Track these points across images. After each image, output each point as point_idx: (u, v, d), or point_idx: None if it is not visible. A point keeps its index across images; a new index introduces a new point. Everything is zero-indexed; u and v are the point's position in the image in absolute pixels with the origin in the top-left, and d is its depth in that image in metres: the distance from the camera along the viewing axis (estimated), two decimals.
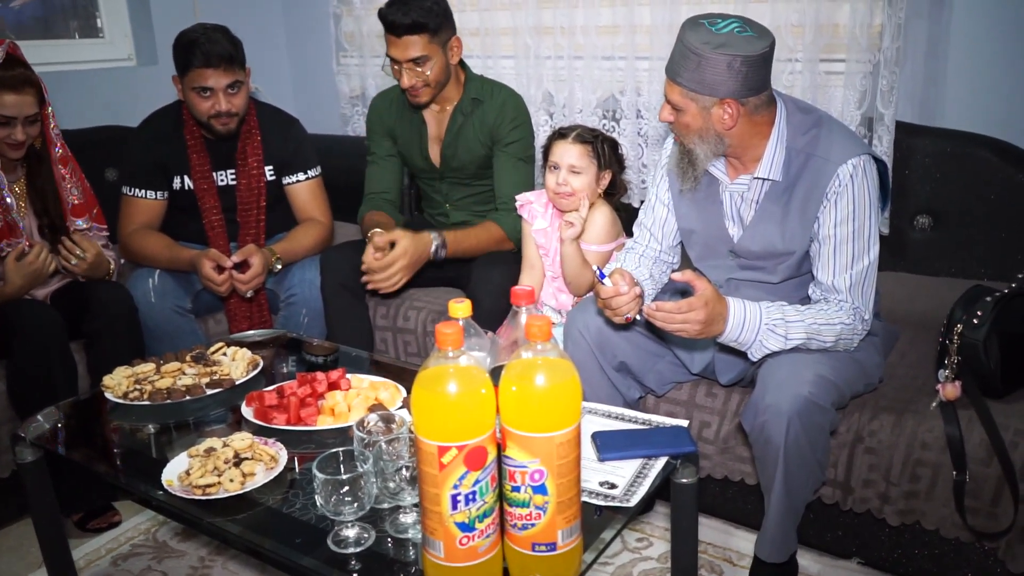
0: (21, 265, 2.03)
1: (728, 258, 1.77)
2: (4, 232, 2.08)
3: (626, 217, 2.21)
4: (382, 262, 2.16)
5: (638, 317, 1.66)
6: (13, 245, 2.09)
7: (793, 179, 1.63)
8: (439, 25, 2.22)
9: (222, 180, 2.39)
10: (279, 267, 2.34)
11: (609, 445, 1.38)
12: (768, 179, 1.64)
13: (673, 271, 1.92)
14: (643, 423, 1.48)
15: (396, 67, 2.25)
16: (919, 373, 1.80)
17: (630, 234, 2.02)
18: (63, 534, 1.71)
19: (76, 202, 2.21)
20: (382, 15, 2.21)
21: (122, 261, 2.37)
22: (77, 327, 2.09)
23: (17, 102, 2.01)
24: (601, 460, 1.35)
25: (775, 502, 1.57)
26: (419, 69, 2.22)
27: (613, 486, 1.28)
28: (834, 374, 1.56)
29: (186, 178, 2.37)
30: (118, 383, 1.67)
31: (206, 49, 2.18)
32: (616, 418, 1.50)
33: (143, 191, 2.36)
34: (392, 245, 2.19)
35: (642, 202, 2.53)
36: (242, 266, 2.24)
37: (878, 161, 1.63)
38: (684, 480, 1.35)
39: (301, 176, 2.48)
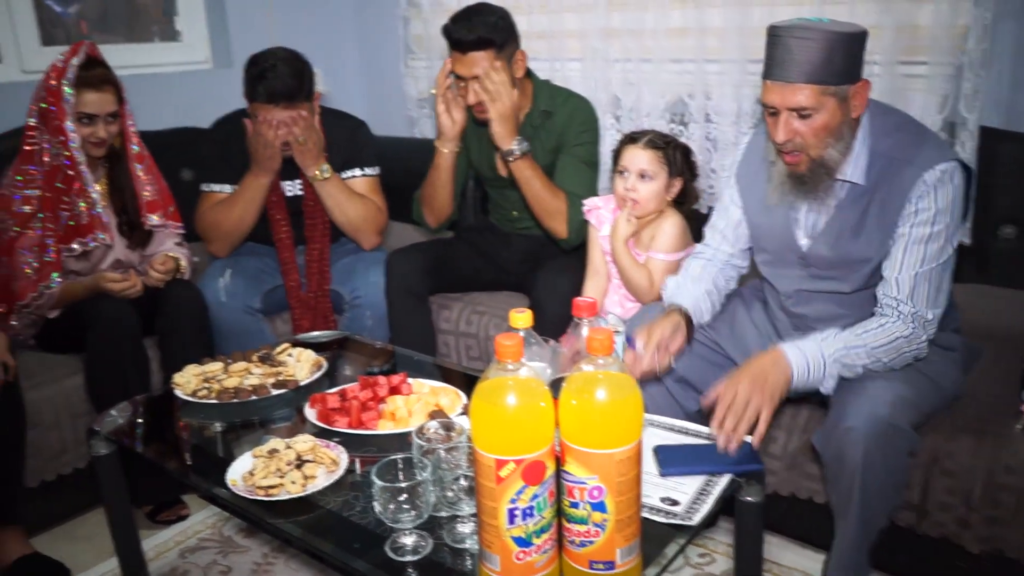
0: (111, 282, 2.11)
1: (798, 267, 1.71)
2: (91, 226, 2.15)
3: (695, 226, 2.15)
4: (496, 79, 2.14)
5: (673, 365, 1.66)
6: (99, 240, 2.16)
7: (874, 183, 1.56)
8: (504, 40, 2.19)
9: (290, 191, 2.43)
10: (327, 175, 2.35)
11: (671, 460, 1.35)
12: (850, 182, 1.58)
13: (742, 275, 1.87)
14: (707, 437, 1.44)
15: (462, 84, 2.24)
16: (1002, 393, 1.71)
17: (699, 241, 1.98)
18: (134, 525, 1.76)
19: (150, 199, 2.28)
20: (446, 31, 2.18)
21: (195, 259, 2.43)
22: (151, 324, 2.16)
23: (98, 100, 2.08)
24: (663, 475, 1.32)
25: (850, 528, 1.50)
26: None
27: (675, 503, 1.25)
28: (913, 393, 1.50)
29: None
30: (188, 381, 1.71)
31: (269, 86, 2.20)
32: (679, 431, 1.47)
33: (220, 185, 2.42)
34: None
35: (710, 208, 2.50)
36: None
37: (965, 167, 1.55)
38: (749, 499, 1.30)
39: (357, 172, 2.48)
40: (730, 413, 1.40)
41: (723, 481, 1.31)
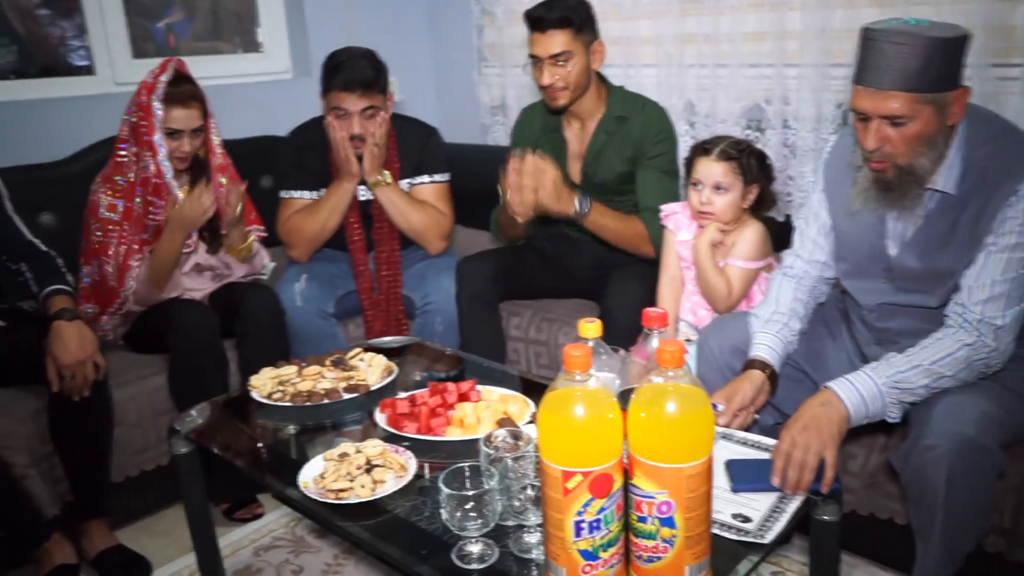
0: (181, 205, 2.15)
1: (881, 279, 1.64)
2: None
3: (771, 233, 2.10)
4: (530, 166, 2.11)
5: (756, 417, 1.62)
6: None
7: (967, 194, 1.49)
8: (583, 23, 2.22)
9: (363, 195, 2.47)
10: (388, 178, 2.41)
11: (744, 475, 1.31)
12: (941, 191, 1.51)
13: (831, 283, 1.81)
14: None
15: (537, 66, 2.25)
16: None
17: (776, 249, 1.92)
18: (211, 522, 1.81)
19: None
20: (528, 13, 2.24)
21: (274, 264, 2.50)
22: (230, 327, 2.22)
23: (184, 116, 2.16)
24: (735, 491, 1.29)
25: (933, 552, 1.43)
26: (560, 66, 2.21)
27: (747, 519, 1.21)
28: (1000, 410, 1.42)
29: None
30: (263, 383, 1.75)
31: (347, 74, 2.28)
32: (752, 446, 1.43)
33: (299, 192, 2.49)
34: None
35: (787, 216, 2.43)
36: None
37: None
38: (825, 518, 1.26)
39: (426, 179, 2.53)
40: (791, 466, 1.31)
41: (798, 498, 1.27)
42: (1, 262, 2.04)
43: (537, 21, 2.21)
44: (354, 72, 2.28)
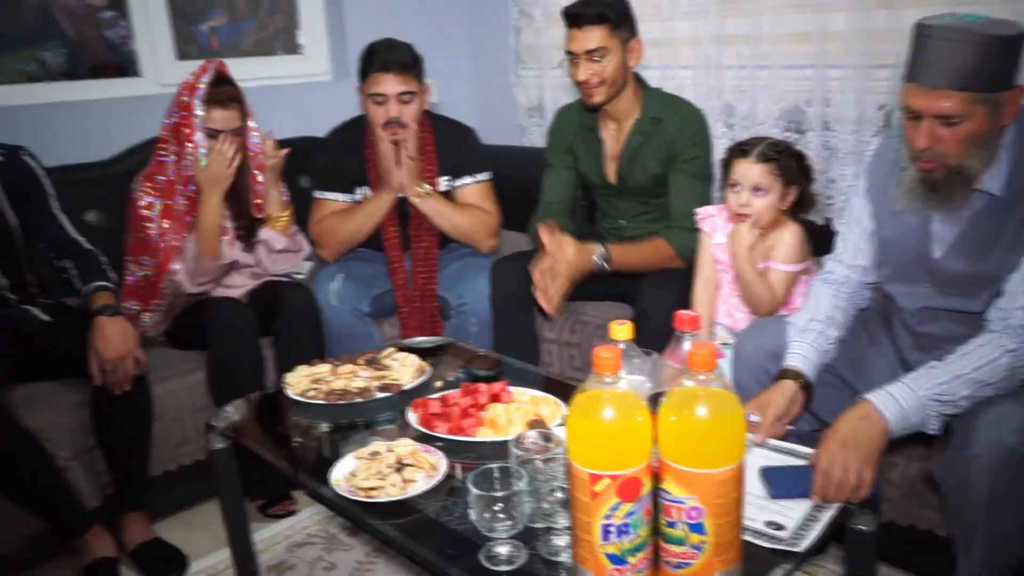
0: (206, 164, 2.18)
1: (924, 282, 1.61)
2: None
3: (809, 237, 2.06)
4: (546, 262, 2.15)
5: (791, 428, 1.59)
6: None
7: (1013, 196, 1.45)
8: (620, 19, 2.22)
9: (399, 192, 2.49)
10: (428, 190, 2.44)
11: (780, 482, 1.29)
12: (987, 193, 1.47)
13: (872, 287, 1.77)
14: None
15: (574, 62, 2.25)
16: None
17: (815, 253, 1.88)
18: (246, 517, 1.84)
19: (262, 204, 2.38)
20: (565, 9, 2.25)
21: (311, 264, 2.52)
22: (268, 325, 2.25)
23: (224, 117, 2.20)
24: (772, 497, 1.26)
25: (974, 565, 1.39)
26: (596, 62, 2.21)
27: (780, 527, 1.19)
28: None
29: (367, 190, 2.50)
30: (298, 381, 1.77)
31: (384, 56, 2.33)
32: (785, 452, 1.41)
33: (333, 194, 2.52)
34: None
35: (827, 219, 2.39)
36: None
37: None
38: (862, 527, 1.23)
39: (468, 180, 2.54)
40: (831, 486, 1.28)
41: (833, 506, 1.24)
42: (46, 259, 2.10)
43: (574, 17, 2.21)
44: (392, 54, 2.34)
